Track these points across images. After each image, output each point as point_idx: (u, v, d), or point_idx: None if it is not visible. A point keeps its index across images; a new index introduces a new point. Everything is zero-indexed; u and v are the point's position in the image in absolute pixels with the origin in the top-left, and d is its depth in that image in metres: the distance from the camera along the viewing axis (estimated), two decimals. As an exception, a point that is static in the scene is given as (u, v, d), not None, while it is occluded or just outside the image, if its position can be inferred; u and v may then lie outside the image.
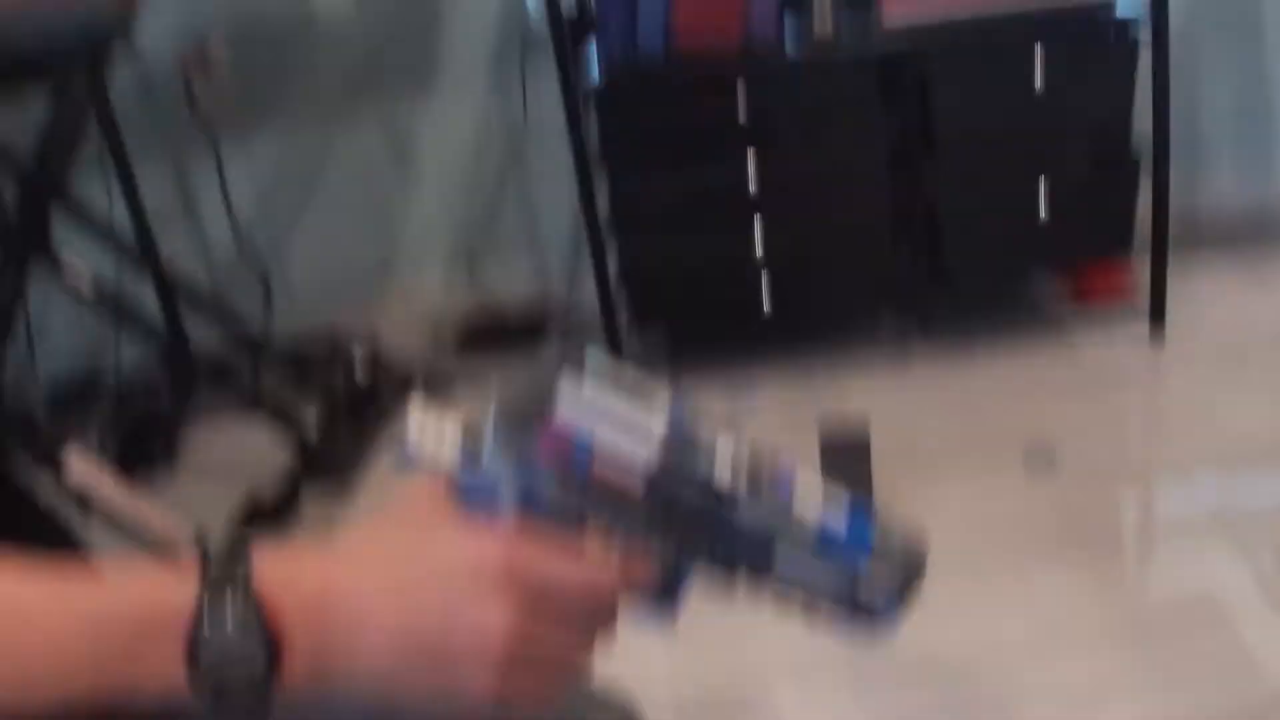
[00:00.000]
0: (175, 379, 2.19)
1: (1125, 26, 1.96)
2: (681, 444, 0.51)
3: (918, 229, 1.95)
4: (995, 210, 1.96)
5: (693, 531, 0.52)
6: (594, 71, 1.90)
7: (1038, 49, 1.89)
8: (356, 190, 2.49)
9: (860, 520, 0.53)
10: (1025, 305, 2.24)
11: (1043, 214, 1.95)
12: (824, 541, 0.52)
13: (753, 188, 1.88)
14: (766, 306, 1.95)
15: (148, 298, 2.30)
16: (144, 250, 2.26)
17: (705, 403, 0.68)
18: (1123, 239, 2.02)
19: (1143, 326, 2.07)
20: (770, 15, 1.84)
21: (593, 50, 1.96)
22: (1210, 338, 2.06)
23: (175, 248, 2.43)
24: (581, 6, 2.11)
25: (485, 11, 2.37)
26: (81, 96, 1.90)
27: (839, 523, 0.52)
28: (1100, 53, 1.96)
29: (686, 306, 2.00)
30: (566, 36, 1.89)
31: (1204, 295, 2.21)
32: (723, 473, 0.52)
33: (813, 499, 0.53)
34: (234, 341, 2.23)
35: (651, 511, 0.52)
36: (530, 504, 0.51)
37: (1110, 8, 1.94)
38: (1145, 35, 1.92)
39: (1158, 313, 2.05)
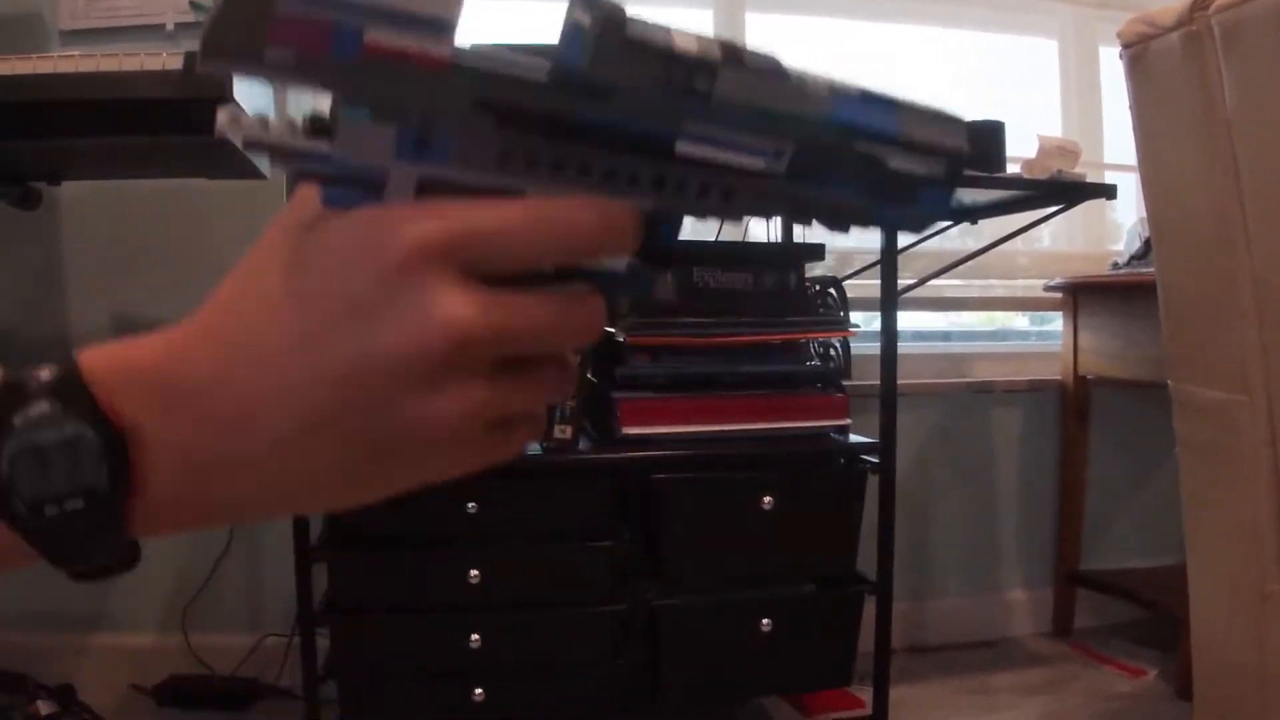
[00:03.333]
0: None
1: (855, 452, 2.05)
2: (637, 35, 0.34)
3: (639, 641, 1.93)
4: (716, 629, 1.95)
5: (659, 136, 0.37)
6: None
7: (769, 468, 1.95)
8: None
9: (875, 99, 0.39)
10: (749, 715, 2.23)
11: (765, 637, 1.94)
12: (842, 122, 0.39)
13: (474, 585, 1.83)
14: (479, 707, 1.87)
15: None
16: None
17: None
18: (842, 668, 2.02)
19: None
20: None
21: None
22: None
23: None
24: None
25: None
26: None
27: (855, 103, 0.39)
28: (829, 476, 2.04)
29: (396, 704, 1.91)
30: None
31: (930, 710, 2.26)
32: (680, 39, 0.35)
33: (814, 80, 0.38)
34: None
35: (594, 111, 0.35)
36: (425, 159, 0.35)
37: (842, 432, 2.03)
38: (874, 461, 2.00)
39: (881, 729, 2.04)
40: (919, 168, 0.41)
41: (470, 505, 1.84)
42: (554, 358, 0.38)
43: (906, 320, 2.64)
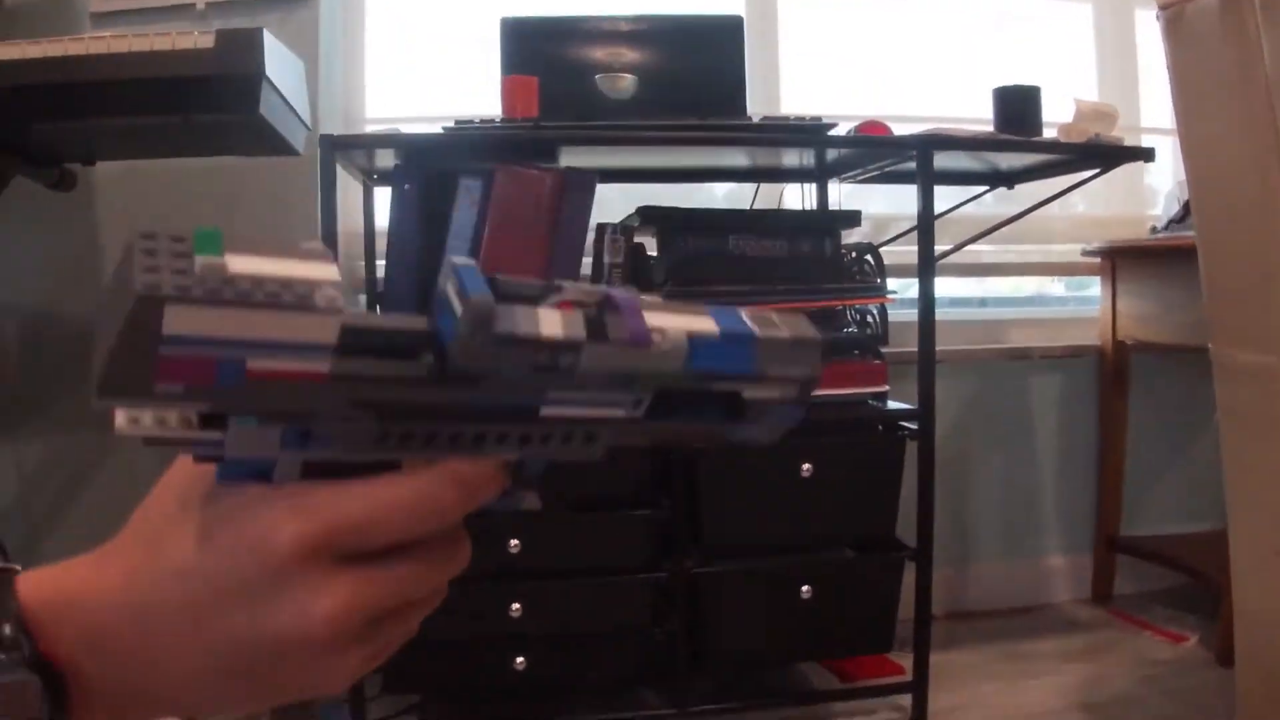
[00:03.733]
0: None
1: (893, 419, 2.04)
2: (505, 331, 0.37)
3: (679, 608, 1.94)
4: (756, 596, 1.96)
5: (523, 405, 0.40)
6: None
7: (807, 435, 1.94)
8: (124, 499, 2.39)
9: (736, 340, 0.42)
10: (788, 681, 2.24)
11: (805, 604, 1.95)
12: (700, 371, 0.41)
13: (514, 554, 1.85)
14: (521, 675, 1.89)
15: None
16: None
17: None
18: (883, 634, 2.03)
19: (907, 704, 2.06)
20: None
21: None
22: (974, 718, 2.08)
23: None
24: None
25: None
26: None
27: (715, 347, 0.41)
28: (868, 442, 2.04)
29: (438, 673, 1.92)
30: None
31: (970, 676, 2.26)
32: (547, 323, 0.38)
33: (676, 337, 0.40)
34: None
35: (462, 392, 0.38)
36: (310, 447, 0.38)
37: (880, 399, 2.03)
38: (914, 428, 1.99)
39: (920, 693, 2.04)
40: (773, 393, 0.44)
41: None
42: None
43: (941, 287, 2.63)
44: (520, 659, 1.88)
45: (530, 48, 2.19)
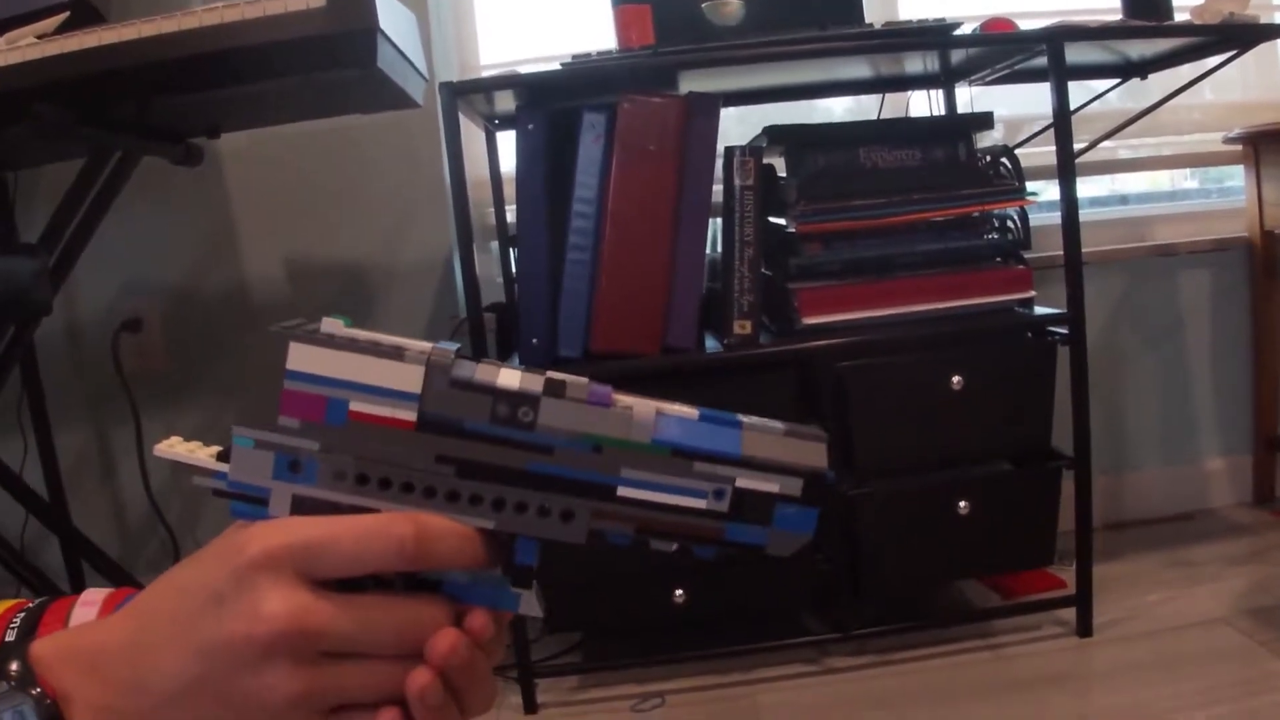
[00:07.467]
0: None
1: (1042, 324, 1.99)
2: (462, 376, 0.44)
3: (835, 529, 1.92)
4: (913, 515, 1.93)
5: (498, 465, 0.44)
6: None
7: (955, 348, 1.91)
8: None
9: (718, 420, 0.44)
10: (948, 601, 2.21)
11: (963, 520, 1.91)
12: (674, 444, 0.44)
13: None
14: (681, 608, 1.89)
15: (53, 556, 2.24)
16: (54, 508, 2.21)
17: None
18: (1044, 547, 1.99)
19: (1070, 619, 2.02)
20: (690, 324, 1.83)
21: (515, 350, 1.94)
22: (1140, 629, 2.02)
23: (87, 508, 2.37)
24: (506, 306, 2.14)
25: (419, 305, 2.39)
26: (5, 355, 1.89)
27: (690, 424, 0.44)
28: (1018, 350, 1.98)
29: (599, 608, 1.93)
30: (488, 332, 1.88)
31: (1133, 586, 2.20)
32: (509, 380, 0.44)
33: (643, 408, 0.44)
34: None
35: (438, 446, 0.44)
36: (297, 480, 0.45)
37: (1027, 305, 1.97)
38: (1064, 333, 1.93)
39: (1084, 606, 2.00)
40: (771, 486, 0.44)
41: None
42: (400, 657, 0.45)
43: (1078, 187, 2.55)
44: (680, 591, 1.88)
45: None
